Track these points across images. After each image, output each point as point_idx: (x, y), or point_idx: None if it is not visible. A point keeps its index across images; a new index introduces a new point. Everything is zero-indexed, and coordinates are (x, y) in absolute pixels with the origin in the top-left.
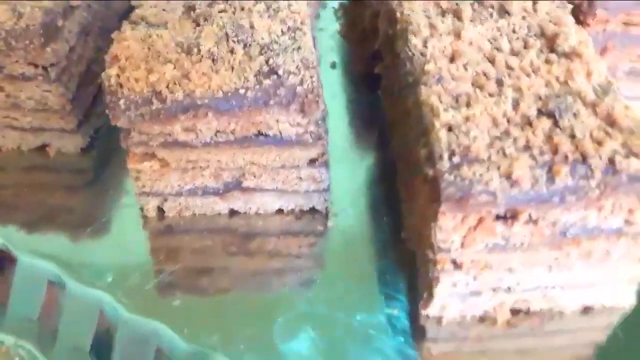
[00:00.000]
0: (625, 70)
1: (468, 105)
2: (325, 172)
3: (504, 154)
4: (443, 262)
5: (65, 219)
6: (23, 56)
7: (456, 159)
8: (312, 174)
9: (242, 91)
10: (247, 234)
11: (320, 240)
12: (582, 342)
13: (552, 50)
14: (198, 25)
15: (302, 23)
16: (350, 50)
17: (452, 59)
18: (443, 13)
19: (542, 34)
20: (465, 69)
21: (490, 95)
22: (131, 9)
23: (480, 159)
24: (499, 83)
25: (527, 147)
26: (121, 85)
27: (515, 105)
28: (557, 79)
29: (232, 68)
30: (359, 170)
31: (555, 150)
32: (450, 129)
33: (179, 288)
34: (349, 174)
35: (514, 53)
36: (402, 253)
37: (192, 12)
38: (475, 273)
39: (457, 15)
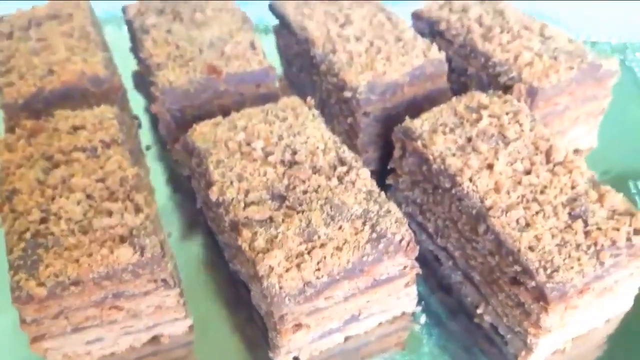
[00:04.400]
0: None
1: (528, 225)
2: (415, 287)
3: (570, 256)
4: (541, 334)
5: None
6: (148, 278)
7: (548, 271)
8: (407, 292)
9: (364, 259)
10: (357, 348)
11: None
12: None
13: (548, 161)
14: (298, 212)
15: (372, 186)
16: None
17: (497, 190)
18: (462, 148)
19: (537, 150)
20: (510, 195)
21: (537, 213)
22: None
23: (561, 266)
24: (536, 201)
25: (578, 246)
26: (281, 287)
27: (555, 216)
28: (566, 185)
29: (347, 241)
30: None
31: (595, 243)
32: (531, 249)
33: None
34: None
35: (527, 172)
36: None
37: (284, 202)
38: (558, 331)
39: (476, 149)
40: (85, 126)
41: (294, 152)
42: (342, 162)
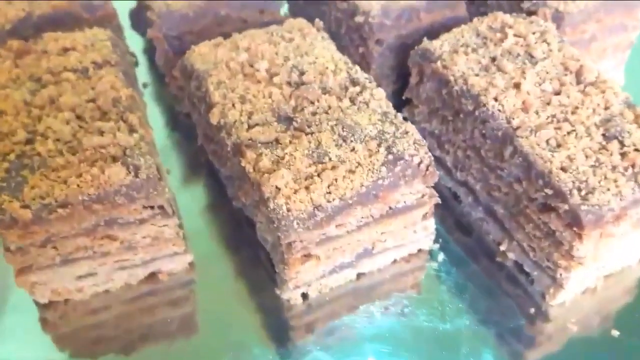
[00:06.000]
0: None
1: (559, 146)
2: (433, 220)
3: (606, 178)
4: (573, 266)
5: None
6: (143, 203)
7: (583, 193)
8: (424, 225)
9: (379, 182)
10: (370, 287)
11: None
12: None
13: (579, 82)
14: (307, 134)
15: (387, 107)
16: None
17: (525, 110)
18: (486, 68)
19: (567, 70)
20: (539, 115)
21: (569, 133)
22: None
23: (596, 188)
24: (567, 121)
25: (614, 167)
26: (289, 210)
27: (588, 136)
28: (599, 105)
29: (361, 164)
30: None
31: (633, 164)
32: (563, 170)
33: None
34: None
35: (557, 93)
36: None
37: (292, 124)
38: (590, 265)
39: (501, 68)
40: (76, 47)
41: (302, 73)
42: (354, 82)
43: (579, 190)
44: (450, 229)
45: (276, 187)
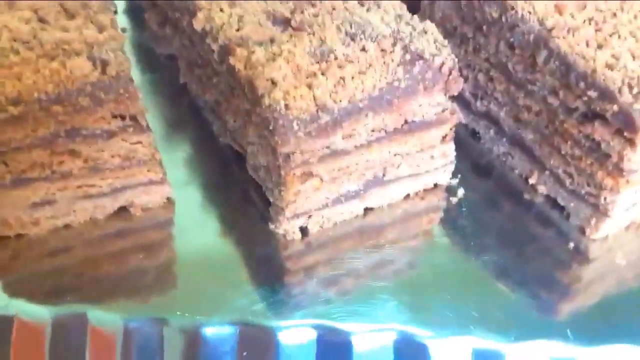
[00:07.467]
0: None
1: (601, 47)
2: (453, 145)
3: None
4: (621, 184)
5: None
6: (112, 110)
7: (635, 90)
8: (443, 150)
9: (395, 83)
10: (378, 227)
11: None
12: None
13: None
14: (309, 34)
15: (402, 9)
16: None
17: (560, 12)
18: None
19: None
20: (575, 18)
21: (611, 35)
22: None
23: None
24: (606, 22)
25: None
26: (287, 107)
27: (634, 37)
28: None
29: (372, 65)
30: None
31: None
32: (609, 68)
33: None
34: None
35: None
36: None
37: (288, 24)
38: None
39: None
40: None
41: None
42: None
43: (630, 87)
44: (468, 170)
45: (272, 82)
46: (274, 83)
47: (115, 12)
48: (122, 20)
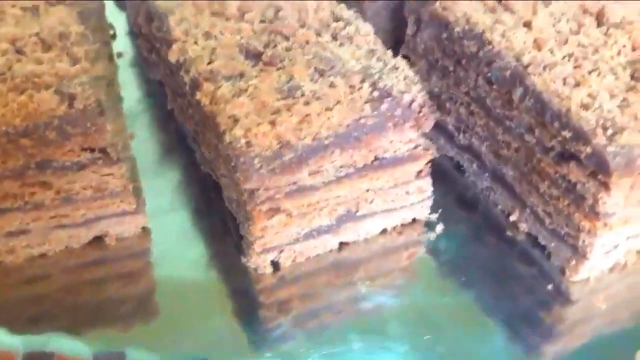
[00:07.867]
0: None
1: (578, 85)
2: (430, 180)
3: (636, 119)
4: (598, 227)
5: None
6: (80, 143)
7: (609, 132)
8: (418, 186)
9: (362, 121)
10: (354, 263)
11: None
12: None
13: (599, 24)
14: (278, 69)
15: (374, 44)
16: None
17: (538, 48)
18: (492, 9)
19: (586, 12)
20: (554, 54)
21: (590, 72)
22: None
23: (625, 127)
24: (587, 59)
25: None
26: (248, 144)
27: (614, 75)
28: (625, 47)
29: (340, 101)
30: None
31: None
32: (584, 107)
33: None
34: None
35: (574, 33)
36: None
37: (260, 58)
38: (619, 230)
39: (509, 8)
40: None
41: (278, 10)
42: (337, 18)
43: (605, 128)
44: (452, 204)
45: (234, 118)
46: (235, 120)
47: (114, 36)
48: (124, 43)
